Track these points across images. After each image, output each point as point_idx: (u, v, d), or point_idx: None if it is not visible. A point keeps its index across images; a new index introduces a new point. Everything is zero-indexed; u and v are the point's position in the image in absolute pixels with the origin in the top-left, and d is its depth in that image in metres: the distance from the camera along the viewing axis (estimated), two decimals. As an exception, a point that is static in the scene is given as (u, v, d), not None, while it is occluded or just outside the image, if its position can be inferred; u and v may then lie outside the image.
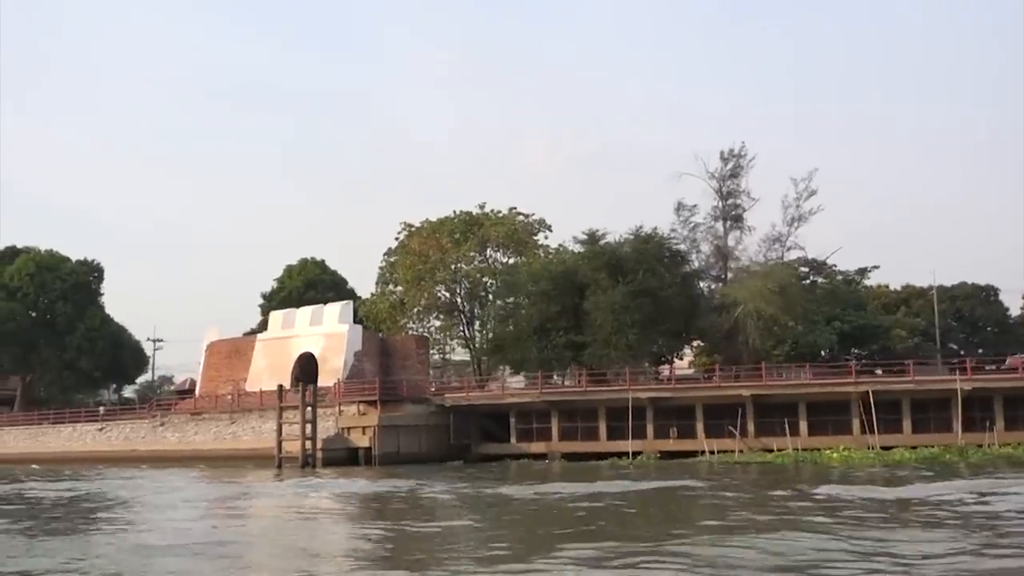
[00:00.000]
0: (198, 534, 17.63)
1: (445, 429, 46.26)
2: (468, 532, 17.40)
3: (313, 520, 20.90)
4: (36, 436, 60.01)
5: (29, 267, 72.43)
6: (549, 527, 17.98)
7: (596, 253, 53.52)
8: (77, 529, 18.95)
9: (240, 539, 17.37)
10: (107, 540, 16.76)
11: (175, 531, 18.02)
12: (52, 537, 17.32)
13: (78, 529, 18.96)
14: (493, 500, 24.10)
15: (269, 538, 17.65)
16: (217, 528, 19.27)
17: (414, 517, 20.22)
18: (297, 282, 79.76)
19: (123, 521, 20.72)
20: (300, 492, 28.45)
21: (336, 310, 53.06)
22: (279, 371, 53.18)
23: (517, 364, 56.18)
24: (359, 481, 32.12)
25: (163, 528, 18.82)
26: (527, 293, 54.04)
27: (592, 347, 51.83)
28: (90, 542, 16.57)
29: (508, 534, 16.86)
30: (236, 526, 19.91)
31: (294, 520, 20.81)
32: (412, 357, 53.87)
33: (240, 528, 19.60)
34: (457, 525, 18.44)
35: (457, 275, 64.31)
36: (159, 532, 18.07)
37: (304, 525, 19.81)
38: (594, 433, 44.21)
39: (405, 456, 43.71)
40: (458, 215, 68.52)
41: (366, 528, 18.83)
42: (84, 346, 72.38)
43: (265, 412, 50.17)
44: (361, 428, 44.42)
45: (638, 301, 50.71)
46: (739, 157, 62.61)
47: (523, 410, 45.50)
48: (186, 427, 52.30)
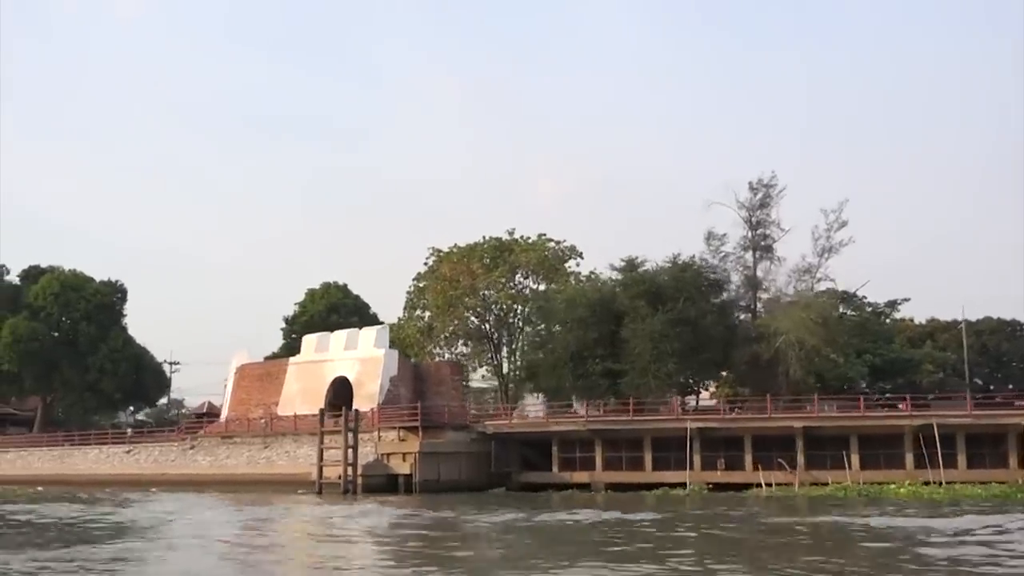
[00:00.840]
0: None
1: (485, 457, 45.16)
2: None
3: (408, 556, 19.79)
4: (62, 458, 58.78)
5: (53, 287, 71.48)
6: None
7: (635, 280, 52.67)
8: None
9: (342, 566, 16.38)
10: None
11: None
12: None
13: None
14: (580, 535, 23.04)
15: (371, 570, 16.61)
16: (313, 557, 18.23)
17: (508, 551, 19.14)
18: (320, 306, 78.90)
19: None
20: (363, 521, 27.33)
21: (372, 334, 52.07)
22: (312, 395, 52.13)
23: (551, 392, 55.19)
24: (413, 509, 31.01)
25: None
26: (563, 320, 53.08)
27: (629, 376, 50.88)
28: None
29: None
30: (328, 553, 18.83)
31: (387, 555, 19.69)
32: (446, 383, 52.84)
33: (332, 554, 18.55)
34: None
35: (488, 301, 63.46)
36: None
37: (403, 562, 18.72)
38: (639, 463, 43.10)
39: (445, 484, 42.59)
40: (487, 240, 67.81)
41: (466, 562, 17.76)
42: (107, 367, 71.27)
43: (299, 437, 49.12)
44: (401, 455, 43.32)
45: (677, 330, 49.83)
46: (769, 187, 62.08)
47: (566, 438, 44.41)
48: (217, 451, 51.16)
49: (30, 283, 73.66)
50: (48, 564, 16.17)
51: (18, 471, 58.90)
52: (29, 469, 58.67)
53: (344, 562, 17.40)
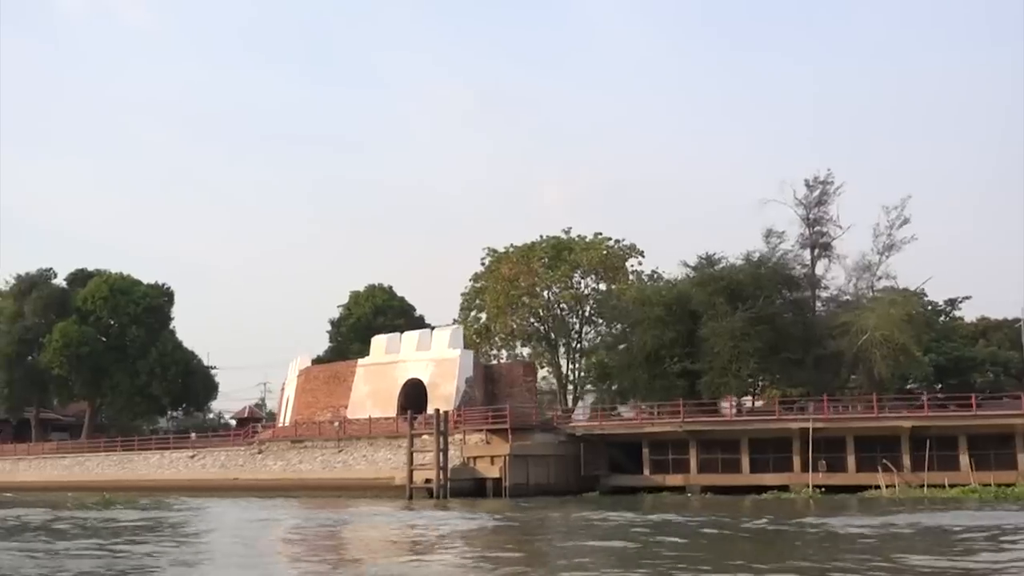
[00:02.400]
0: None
1: (573, 460, 43.27)
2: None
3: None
4: (122, 463, 56.95)
5: (102, 290, 69.69)
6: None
7: (712, 278, 50.82)
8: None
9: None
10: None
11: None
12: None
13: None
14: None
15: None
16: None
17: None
18: (365, 308, 77.16)
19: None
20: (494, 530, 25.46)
21: (446, 335, 50.21)
22: (383, 397, 50.30)
23: (625, 392, 53.38)
24: (541, 513, 29.15)
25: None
26: (638, 319, 51.20)
27: (708, 375, 49.07)
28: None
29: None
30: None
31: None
32: (519, 384, 50.98)
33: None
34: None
35: (549, 302, 61.70)
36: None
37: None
38: (736, 465, 41.22)
39: (534, 488, 40.75)
40: (544, 240, 66.07)
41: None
42: (156, 371, 69.46)
43: (375, 440, 47.28)
44: (489, 458, 41.44)
45: (757, 328, 48.05)
46: (826, 184, 60.47)
47: (657, 440, 42.54)
48: (288, 455, 49.27)
49: (77, 287, 71.89)
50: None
51: (76, 477, 57.07)
52: (88, 475, 56.79)
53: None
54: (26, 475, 60.21)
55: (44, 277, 72.55)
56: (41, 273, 72.64)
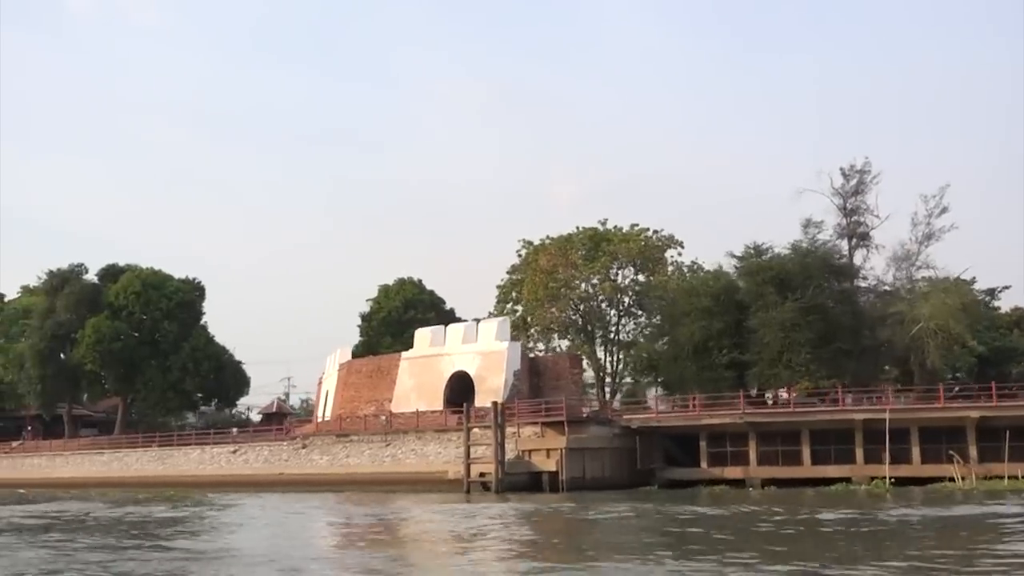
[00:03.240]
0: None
1: (627, 453, 42.39)
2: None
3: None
4: (162, 459, 56.16)
5: (135, 285, 68.85)
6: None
7: (761, 267, 49.93)
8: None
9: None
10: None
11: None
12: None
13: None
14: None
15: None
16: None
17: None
18: (395, 302, 76.16)
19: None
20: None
21: (493, 327, 49.33)
22: (429, 391, 49.47)
23: (672, 384, 52.47)
24: (623, 509, 28.29)
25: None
26: (685, 310, 50.28)
27: (758, 367, 48.18)
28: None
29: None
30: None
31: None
32: (565, 376, 50.09)
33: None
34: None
35: (588, 293, 60.73)
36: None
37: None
38: (796, 457, 40.30)
39: (590, 481, 39.87)
40: (581, 231, 65.13)
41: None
42: (189, 366, 68.66)
43: (423, 434, 46.45)
44: (545, 451, 40.55)
45: (809, 318, 47.17)
46: (863, 173, 59.52)
47: (715, 432, 41.64)
48: (333, 450, 48.45)
49: (108, 282, 71.05)
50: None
51: (115, 473, 56.34)
52: (127, 471, 56.06)
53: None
54: (63, 471, 59.48)
55: (75, 273, 71.74)
56: (72, 269, 71.85)
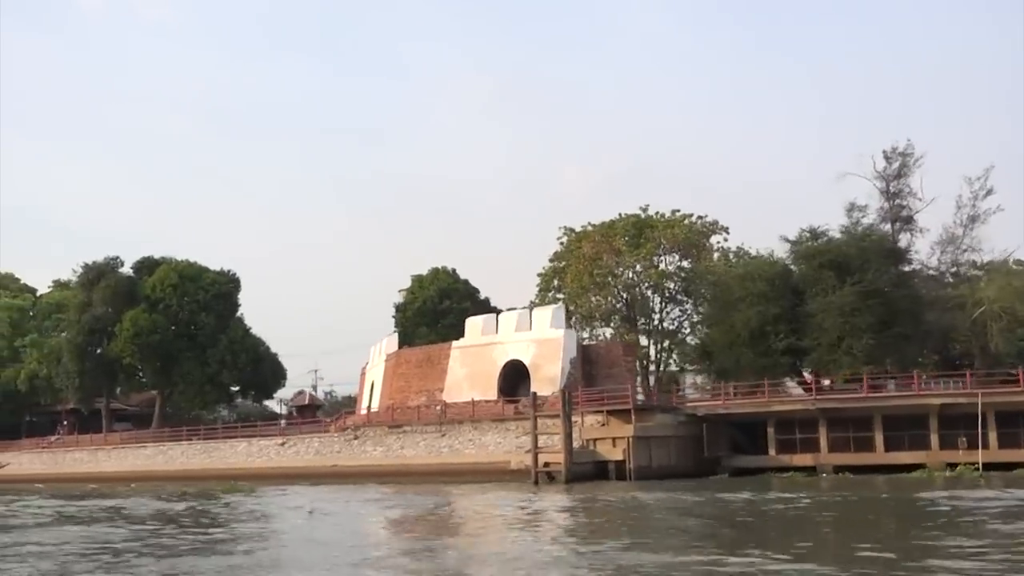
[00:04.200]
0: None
1: (692, 440, 41.39)
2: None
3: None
4: (208, 452, 55.35)
5: (171, 277, 67.98)
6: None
7: (819, 251, 48.79)
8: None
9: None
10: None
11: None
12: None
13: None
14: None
15: None
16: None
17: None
18: (430, 291, 75.15)
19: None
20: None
21: (548, 314, 48.29)
22: (482, 380, 48.49)
23: (727, 372, 51.39)
24: (722, 499, 27.28)
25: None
26: (742, 296, 49.15)
27: (817, 352, 47.07)
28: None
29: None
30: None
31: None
32: (619, 364, 49.02)
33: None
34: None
35: (635, 280, 59.68)
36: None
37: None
38: (868, 444, 39.26)
39: (657, 470, 38.86)
40: (623, 218, 64.03)
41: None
42: (227, 359, 67.79)
43: (479, 423, 45.49)
44: (611, 440, 39.56)
45: (869, 303, 46.00)
46: (905, 156, 58.37)
47: (783, 419, 40.60)
48: (387, 441, 47.51)
49: (144, 275, 70.20)
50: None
51: (159, 467, 55.52)
52: (172, 464, 55.23)
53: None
54: (107, 465, 58.68)
55: (111, 266, 70.85)
56: (108, 262, 70.94)
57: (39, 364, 73.59)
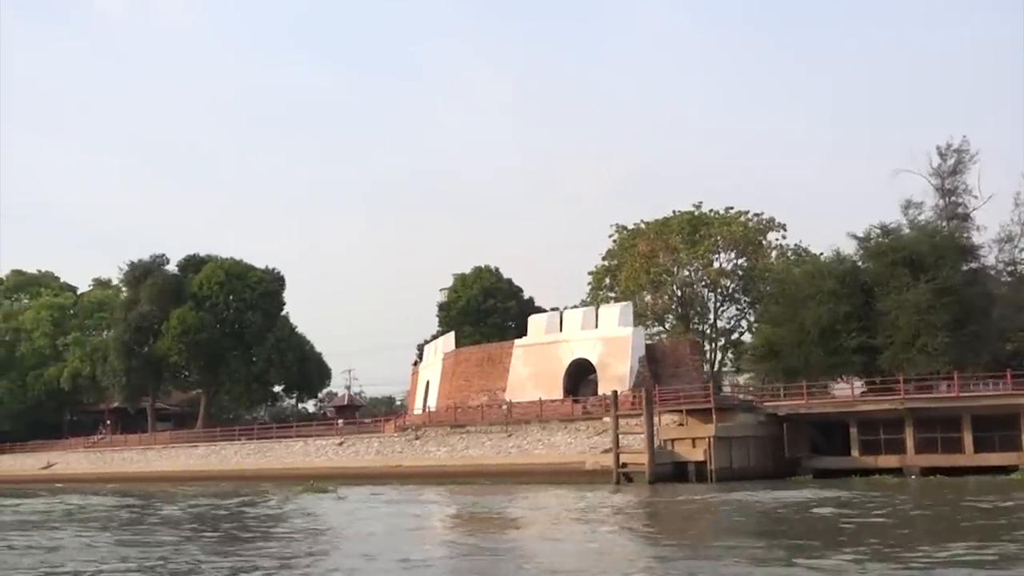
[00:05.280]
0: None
1: (771, 441, 40.06)
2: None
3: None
4: (262, 452, 54.31)
5: (218, 275, 67.03)
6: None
7: (892, 247, 47.33)
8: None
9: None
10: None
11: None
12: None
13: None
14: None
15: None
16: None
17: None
18: (474, 291, 74.11)
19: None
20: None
21: (615, 312, 47.06)
22: (546, 379, 47.30)
23: (795, 371, 50.04)
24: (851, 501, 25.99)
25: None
26: (811, 294, 47.77)
27: (890, 350, 45.64)
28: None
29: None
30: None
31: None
32: (686, 363, 47.76)
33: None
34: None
35: (692, 278, 58.44)
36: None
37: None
38: (956, 445, 37.83)
39: (737, 471, 37.60)
40: (678, 215, 62.81)
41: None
42: (273, 357, 66.79)
43: (547, 423, 44.28)
44: (691, 440, 38.27)
45: (943, 300, 44.56)
46: (960, 152, 57.00)
47: (866, 419, 39.24)
48: (450, 441, 46.34)
49: (190, 273, 69.27)
50: None
51: (213, 466, 54.45)
52: (225, 464, 54.17)
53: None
54: (158, 465, 57.73)
55: (157, 264, 69.98)
56: (154, 259, 70.08)
57: (82, 363, 72.79)
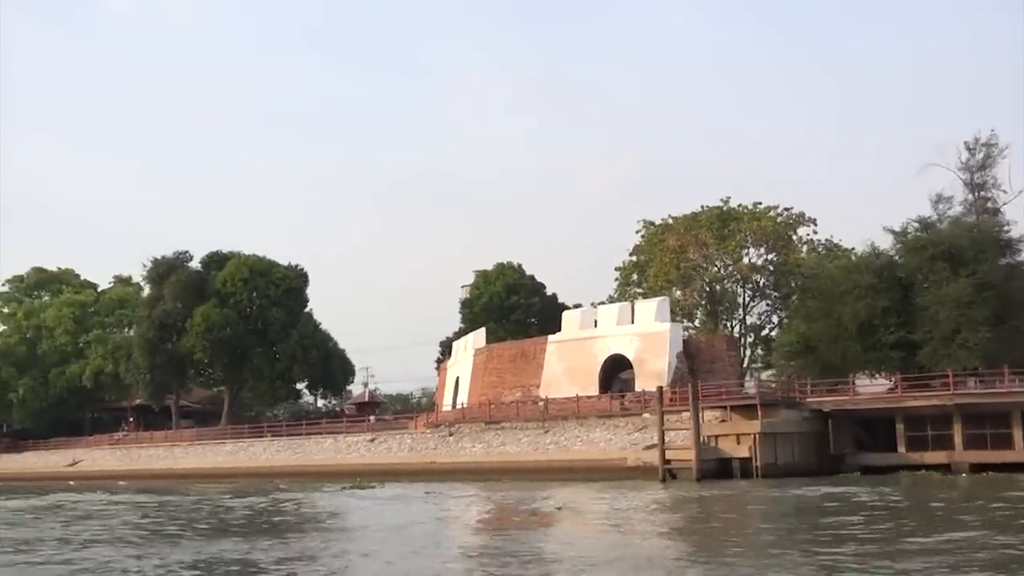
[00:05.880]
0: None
1: (815, 437, 39.41)
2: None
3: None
4: (292, 449, 53.74)
5: (242, 272, 66.44)
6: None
7: (931, 241, 46.61)
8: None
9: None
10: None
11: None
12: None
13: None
14: None
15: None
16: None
17: None
18: (497, 287, 73.52)
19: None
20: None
21: (652, 307, 46.40)
22: (581, 375, 46.69)
23: (831, 367, 49.35)
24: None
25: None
26: (848, 289, 47.08)
27: (930, 346, 44.92)
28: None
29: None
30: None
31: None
32: (722, 359, 47.14)
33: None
34: None
35: (723, 273, 57.73)
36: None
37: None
38: (1006, 441, 37.12)
39: (782, 468, 36.97)
40: (706, 210, 62.07)
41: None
42: (298, 354, 66.22)
43: (585, 419, 43.65)
44: (735, 436, 37.61)
45: (984, 295, 43.85)
46: (989, 146, 56.21)
47: (913, 415, 38.54)
48: (485, 437, 45.72)
49: (213, 270, 68.70)
50: None
51: (241, 463, 53.89)
52: (254, 461, 53.61)
53: None
54: (185, 462, 57.20)
55: (180, 260, 69.44)
56: (177, 256, 69.55)
57: (104, 360, 72.32)
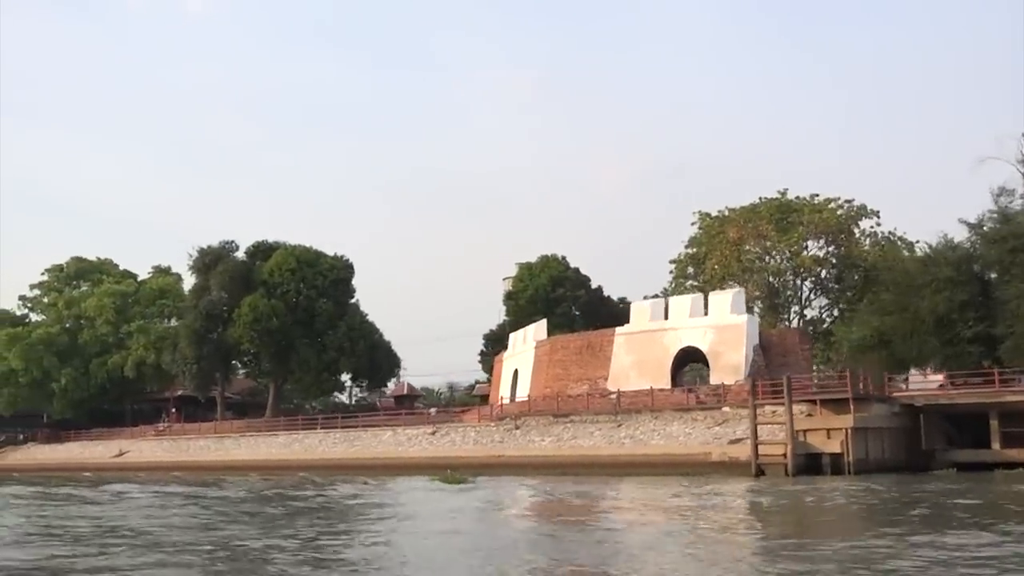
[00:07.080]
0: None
1: (904, 433, 37.96)
2: None
3: None
4: (350, 441, 52.52)
5: (289, 262, 65.16)
6: None
7: (1013, 233, 45.08)
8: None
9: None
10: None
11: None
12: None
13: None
14: None
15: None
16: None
17: None
18: (542, 279, 72.13)
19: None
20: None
21: (727, 299, 44.96)
22: (651, 368, 45.29)
23: (907, 361, 47.91)
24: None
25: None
26: (925, 282, 45.63)
27: (1011, 340, 43.44)
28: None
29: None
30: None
31: None
32: (795, 352, 45.71)
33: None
34: None
35: (784, 266, 56.32)
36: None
37: None
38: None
39: (873, 464, 35.57)
40: (764, 202, 60.64)
41: None
42: (345, 346, 64.92)
43: (661, 413, 42.27)
44: (825, 431, 36.16)
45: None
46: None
47: (1010, 411, 37.06)
48: (554, 430, 44.38)
49: (259, 260, 67.46)
50: None
51: (296, 455, 52.66)
52: (310, 453, 52.40)
53: None
54: (236, 453, 56.01)
55: (227, 250, 68.22)
56: (224, 246, 68.33)
57: (147, 350, 71.20)
